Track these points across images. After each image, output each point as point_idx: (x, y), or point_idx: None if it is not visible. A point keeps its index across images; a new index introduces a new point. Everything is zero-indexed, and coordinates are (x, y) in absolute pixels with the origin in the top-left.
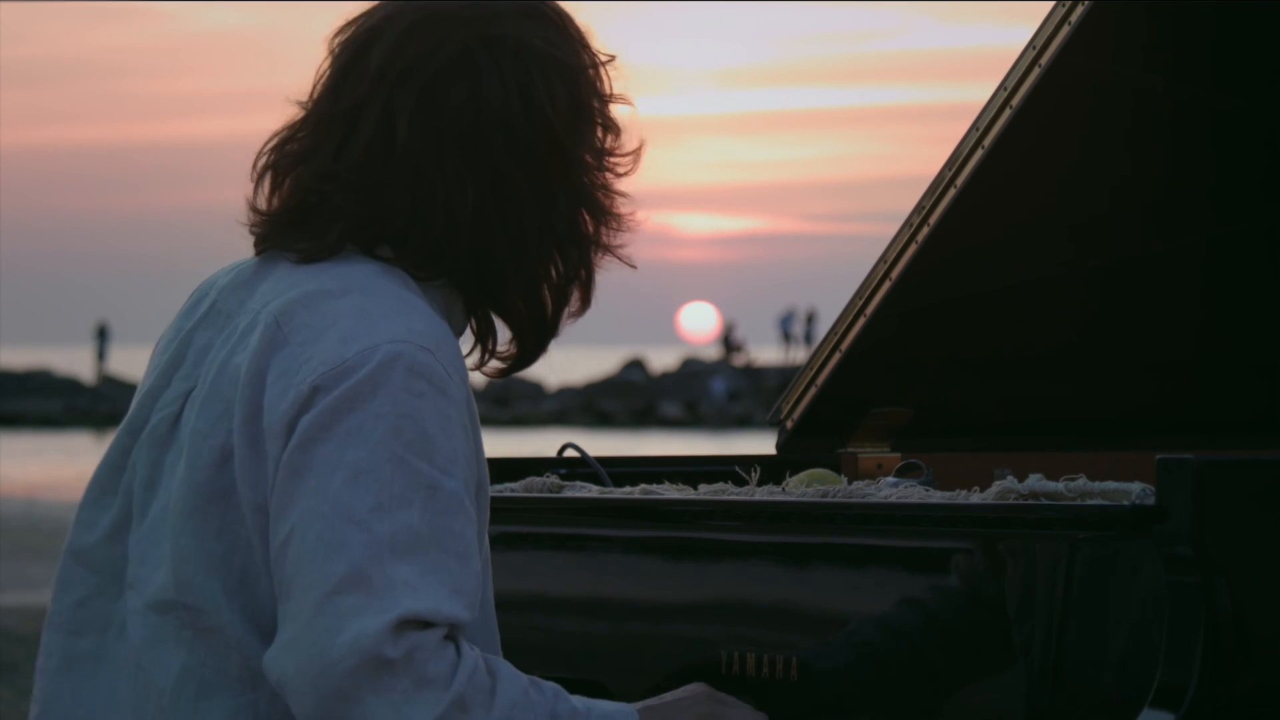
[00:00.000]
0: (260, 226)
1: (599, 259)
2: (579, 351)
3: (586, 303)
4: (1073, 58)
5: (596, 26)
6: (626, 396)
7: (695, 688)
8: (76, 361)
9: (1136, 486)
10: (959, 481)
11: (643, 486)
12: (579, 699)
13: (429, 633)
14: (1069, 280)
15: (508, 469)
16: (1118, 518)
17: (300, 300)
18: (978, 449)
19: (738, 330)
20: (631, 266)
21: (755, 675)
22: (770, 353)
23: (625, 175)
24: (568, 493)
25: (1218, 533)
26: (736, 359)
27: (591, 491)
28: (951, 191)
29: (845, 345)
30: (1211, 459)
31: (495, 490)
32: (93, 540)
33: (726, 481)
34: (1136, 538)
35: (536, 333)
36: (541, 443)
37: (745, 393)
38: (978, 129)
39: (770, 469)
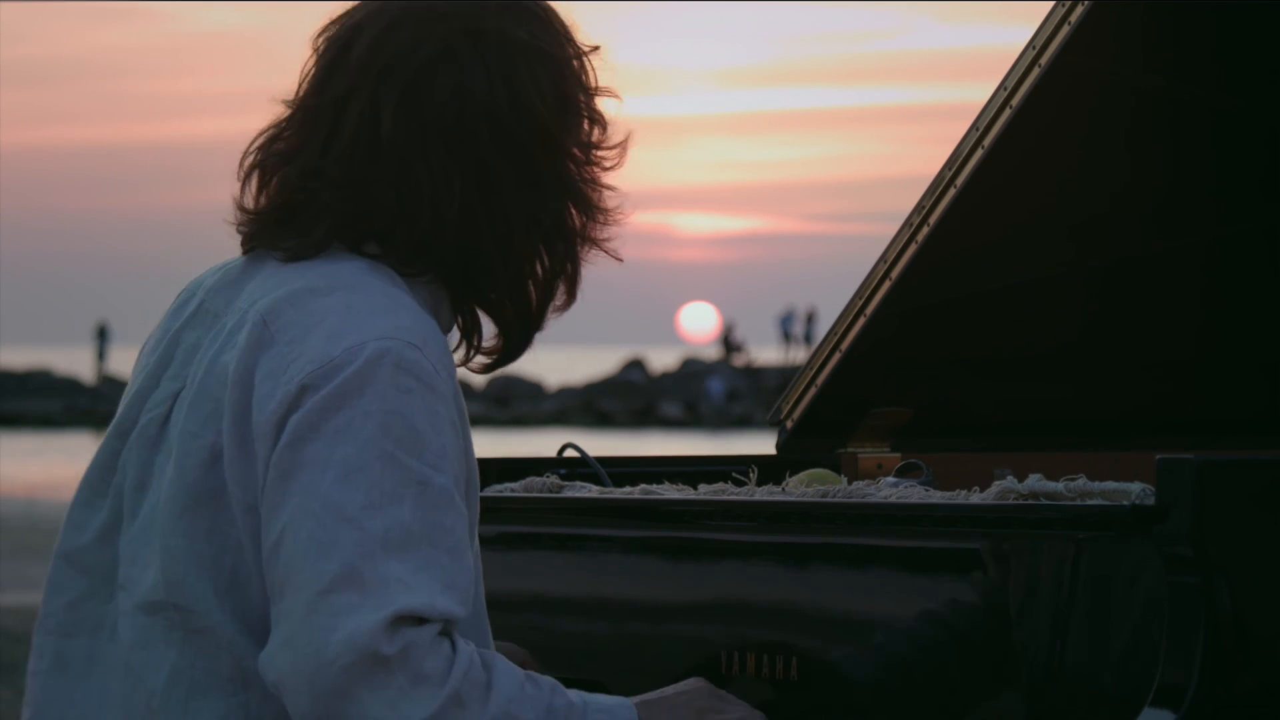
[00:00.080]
0: (247, 225)
1: (585, 253)
2: (579, 351)
3: (572, 297)
4: (1073, 58)
5: (597, 27)
6: (626, 396)
7: (693, 682)
8: (76, 361)
9: (1136, 486)
10: (959, 481)
11: (643, 486)
12: (575, 693)
13: (424, 629)
14: (1069, 280)
15: (508, 469)
16: (1118, 518)
17: (287, 299)
18: (978, 449)
19: (737, 330)
20: (618, 260)
21: (755, 675)
22: (770, 353)
23: (611, 169)
24: (568, 493)
25: (1218, 533)
26: (736, 359)
27: (591, 491)
28: (951, 191)
29: (845, 345)
30: (1211, 459)
31: (495, 490)
32: (83, 542)
33: (726, 481)
34: (1136, 538)
35: (522, 327)
36: (541, 443)
37: (745, 393)
38: (978, 129)
39: (770, 469)
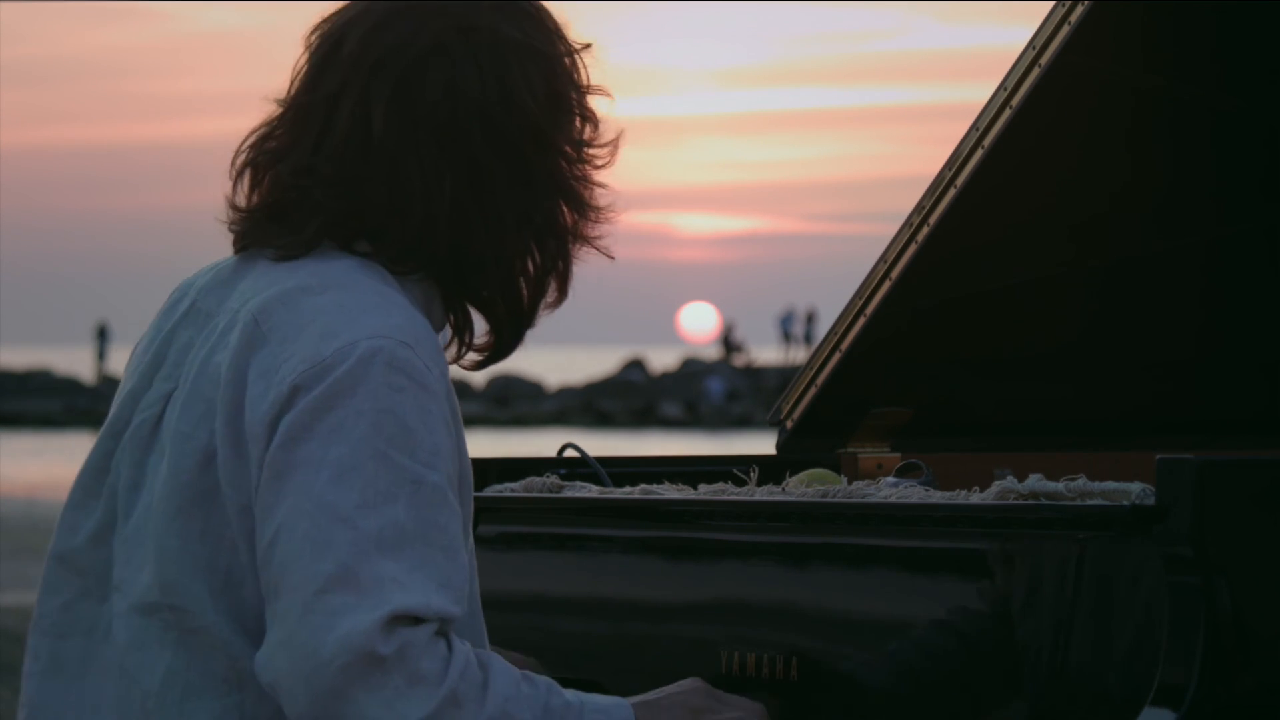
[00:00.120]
0: (239, 224)
1: (577, 250)
2: (579, 351)
3: (564, 294)
4: (1073, 58)
5: (598, 27)
6: (626, 396)
7: (690, 683)
8: (76, 361)
9: (1136, 486)
10: (959, 481)
11: (643, 486)
12: (571, 693)
13: (420, 629)
14: (1069, 280)
15: (508, 469)
16: (1118, 518)
17: (279, 298)
18: (978, 449)
19: (737, 330)
20: (610, 257)
21: (755, 675)
22: (770, 353)
23: (603, 167)
24: (568, 493)
25: (1218, 533)
26: (737, 359)
27: (591, 491)
28: (951, 191)
29: (845, 345)
30: (1211, 459)
31: (495, 490)
32: (77, 543)
33: (726, 481)
34: (1136, 538)
35: (514, 324)
36: (541, 443)
37: (745, 393)
38: (978, 129)
39: (770, 469)
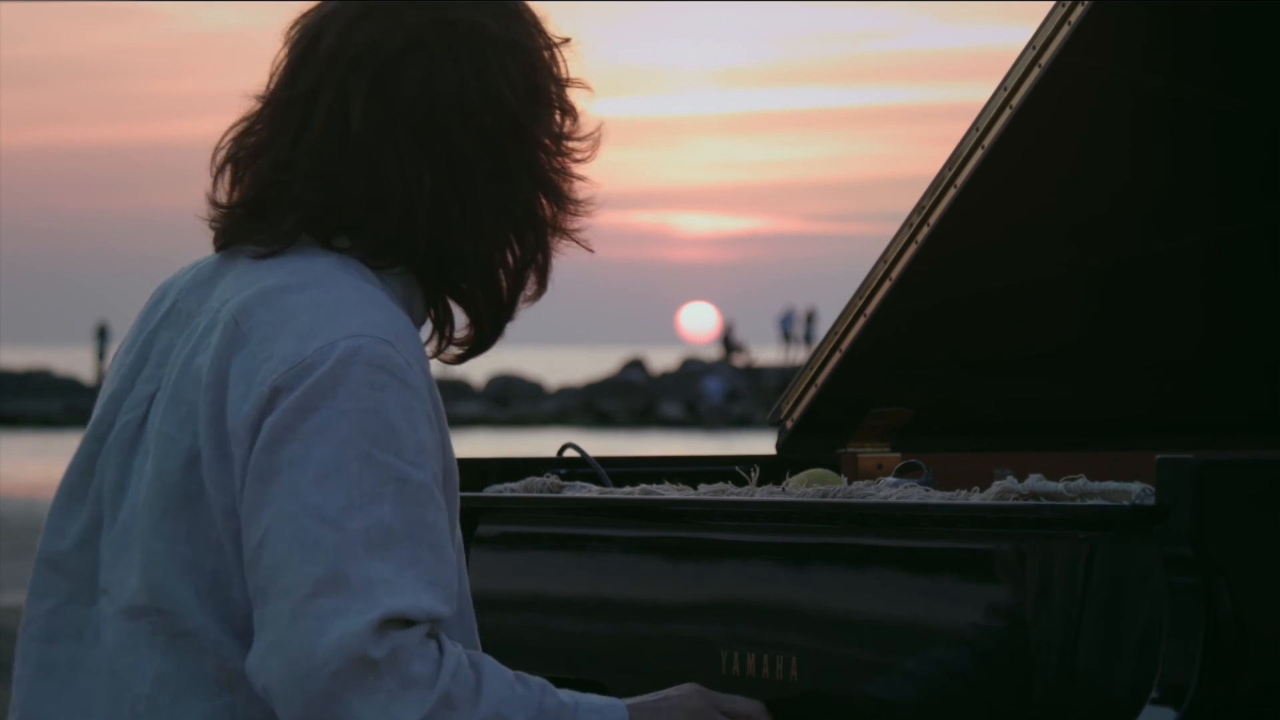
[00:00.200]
0: (220, 220)
1: (556, 243)
2: (579, 351)
3: (543, 286)
4: (1073, 58)
5: (598, 27)
6: (626, 396)
7: (687, 687)
8: (76, 361)
9: (1136, 486)
10: (959, 481)
11: (643, 486)
12: (566, 693)
13: (411, 631)
14: (1069, 280)
15: (508, 469)
16: (1118, 518)
17: (258, 297)
18: (978, 449)
19: (737, 330)
20: (589, 250)
21: (755, 675)
22: (770, 353)
23: (583, 160)
24: (568, 493)
25: (1218, 533)
26: (737, 359)
27: (591, 491)
28: (951, 191)
29: (845, 345)
30: (1211, 459)
31: (495, 490)
32: (65, 547)
33: (726, 481)
34: (1136, 538)
35: (493, 317)
36: (541, 443)
37: (745, 393)
38: (978, 129)
39: (770, 469)
